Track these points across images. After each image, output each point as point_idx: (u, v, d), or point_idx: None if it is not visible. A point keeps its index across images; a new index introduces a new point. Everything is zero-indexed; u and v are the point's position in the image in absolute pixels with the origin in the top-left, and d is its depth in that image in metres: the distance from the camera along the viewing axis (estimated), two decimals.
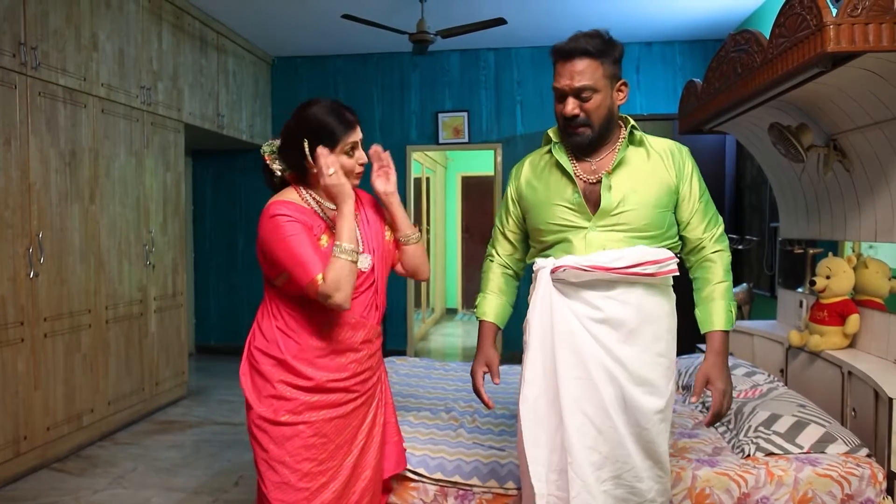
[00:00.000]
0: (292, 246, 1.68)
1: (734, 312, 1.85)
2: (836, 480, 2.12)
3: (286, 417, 1.75)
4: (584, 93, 1.76)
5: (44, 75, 3.47)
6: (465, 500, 2.18)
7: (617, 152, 1.83)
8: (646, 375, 1.77)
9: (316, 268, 1.67)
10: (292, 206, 1.75)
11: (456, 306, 9.64)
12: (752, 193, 5.03)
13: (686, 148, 1.89)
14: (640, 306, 1.78)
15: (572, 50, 1.76)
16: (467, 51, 6.26)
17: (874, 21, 1.93)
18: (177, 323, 4.83)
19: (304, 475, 1.75)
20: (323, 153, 1.72)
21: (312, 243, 1.71)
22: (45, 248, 3.49)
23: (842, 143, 2.75)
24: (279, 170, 1.85)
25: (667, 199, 1.82)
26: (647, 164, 1.82)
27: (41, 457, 3.47)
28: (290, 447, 1.75)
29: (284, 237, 1.69)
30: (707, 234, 1.86)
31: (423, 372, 3.49)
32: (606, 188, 1.79)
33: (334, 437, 1.79)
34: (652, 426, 1.76)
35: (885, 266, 2.65)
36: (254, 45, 6.02)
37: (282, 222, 1.70)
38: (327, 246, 1.75)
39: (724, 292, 1.84)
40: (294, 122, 1.78)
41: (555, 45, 1.82)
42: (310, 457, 1.75)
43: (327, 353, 1.79)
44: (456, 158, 9.42)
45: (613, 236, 1.79)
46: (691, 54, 5.98)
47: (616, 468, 1.75)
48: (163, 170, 4.66)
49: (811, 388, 2.83)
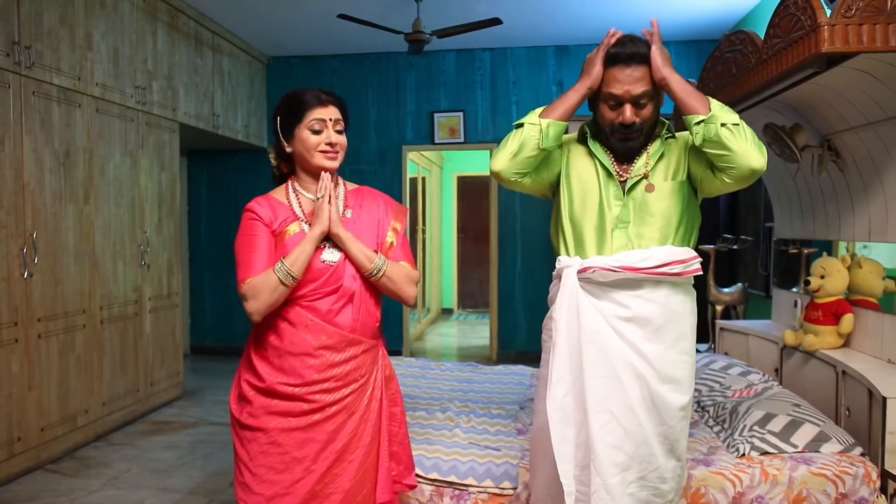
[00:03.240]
0: (241, 245, 1.75)
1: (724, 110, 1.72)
2: (831, 479, 2.13)
3: (247, 419, 1.73)
4: (643, 99, 1.77)
5: (38, 75, 3.45)
6: (460, 499, 2.18)
7: (651, 153, 1.85)
8: (671, 373, 1.77)
9: (249, 271, 1.70)
10: (266, 202, 1.79)
11: (451, 306, 9.64)
12: (747, 193, 5.05)
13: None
14: (666, 304, 1.79)
15: (633, 55, 1.76)
16: (463, 51, 6.26)
17: (868, 22, 1.94)
18: (172, 323, 4.81)
19: (260, 480, 1.70)
20: (325, 176, 1.77)
21: (263, 247, 1.73)
22: (40, 248, 3.47)
23: (836, 143, 2.76)
24: (273, 161, 1.88)
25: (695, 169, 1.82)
26: (678, 154, 1.85)
27: (35, 458, 3.46)
28: (250, 449, 1.73)
29: (240, 234, 1.76)
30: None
31: (418, 372, 3.49)
32: (648, 186, 1.81)
33: (292, 450, 1.70)
34: (676, 423, 1.77)
35: (879, 266, 2.67)
36: (249, 44, 6.01)
37: (245, 219, 1.77)
38: (295, 234, 1.76)
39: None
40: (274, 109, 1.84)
41: (611, 50, 1.79)
42: (265, 464, 1.71)
43: (281, 354, 1.72)
44: (452, 158, 9.42)
45: (645, 232, 1.81)
46: (686, 55, 5.99)
47: (641, 469, 1.75)
48: (158, 170, 4.65)
49: (806, 387, 2.84)
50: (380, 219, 1.89)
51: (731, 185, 1.76)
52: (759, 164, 1.68)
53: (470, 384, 3.29)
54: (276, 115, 1.79)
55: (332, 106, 1.80)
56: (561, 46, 6.17)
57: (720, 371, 3.02)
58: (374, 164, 6.44)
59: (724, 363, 3.10)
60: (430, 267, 8.72)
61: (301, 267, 1.69)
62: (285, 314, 1.72)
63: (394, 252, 1.86)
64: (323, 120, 1.77)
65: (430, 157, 8.41)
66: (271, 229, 1.76)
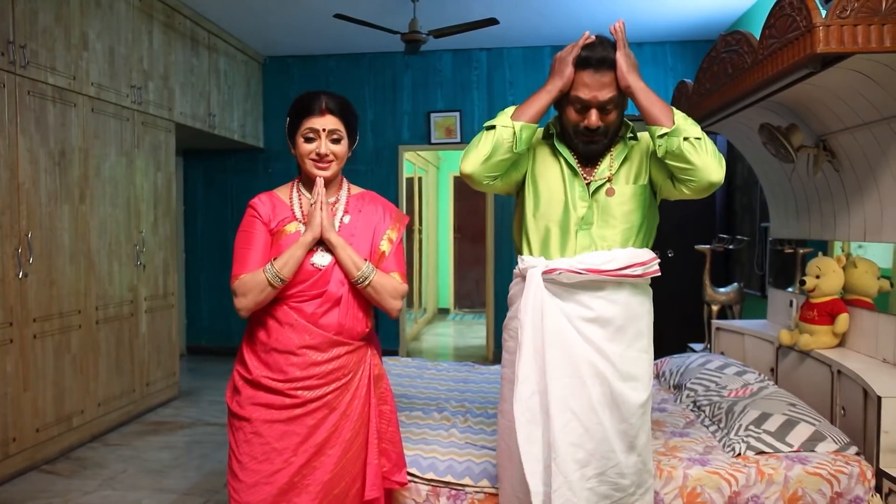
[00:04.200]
0: (239, 240, 1.82)
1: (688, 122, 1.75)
2: (826, 478, 2.14)
3: (236, 409, 1.82)
4: (609, 105, 1.79)
5: (33, 74, 3.44)
6: (457, 499, 2.18)
7: (614, 156, 1.87)
8: (631, 371, 1.81)
9: (243, 268, 1.78)
10: (269, 200, 1.87)
11: (448, 306, 9.64)
12: (743, 194, 5.06)
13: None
14: (627, 305, 1.83)
15: (603, 60, 1.76)
16: (459, 51, 6.26)
17: (863, 22, 1.95)
18: (168, 324, 4.80)
19: (243, 468, 1.79)
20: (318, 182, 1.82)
21: (258, 245, 1.80)
22: (35, 248, 3.46)
23: (831, 143, 2.77)
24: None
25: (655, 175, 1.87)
26: (640, 157, 1.89)
27: (30, 458, 3.45)
28: (238, 438, 1.81)
29: (240, 230, 1.84)
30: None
31: (415, 372, 3.49)
32: (609, 190, 1.83)
33: (273, 441, 1.78)
34: (635, 420, 1.81)
35: (874, 265, 2.67)
36: (245, 44, 6.00)
37: (246, 215, 1.85)
38: (291, 234, 1.82)
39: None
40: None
41: (582, 53, 1.78)
42: (248, 452, 1.79)
43: (267, 349, 1.80)
44: (448, 158, 9.42)
45: (608, 234, 1.84)
46: (682, 55, 6.01)
47: (601, 465, 1.79)
48: (153, 170, 4.64)
49: (801, 386, 2.85)
50: (377, 225, 1.91)
51: (689, 196, 1.81)
52: (718, 178, 1.72)
53: (466, 384, 3.29)
54: (287, 116, 1.89)
55: (329, 116, 1.80)
56: (558, 46, 6.16)
57: (716, 371, 3.03)
58: (371, 164, 6.44)
59: (719, 363, 3.11)
60: (427, 267, 8.72)
61: (291, 270, 1.76)
62: (274, 312, 1.80)
63: (385, 261, 1.87)
64: (315, 130, 1.81)
65: (427, 157, 8.41)
66: (269, 227, 1.83)
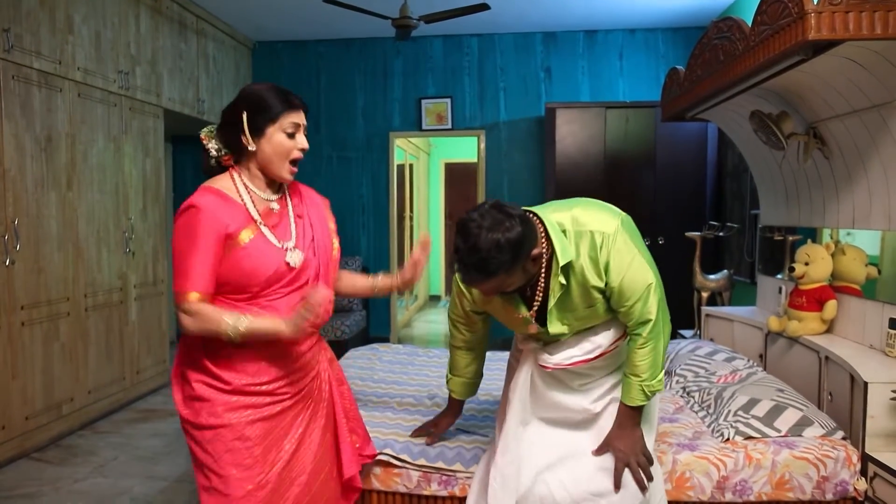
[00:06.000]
0: (185, 248, 1.61)
1: (648, 390, 1.84)
2: (813, 463, 2.16)
3: (206, 419, 1.66)
4: (496, 293, 1.79)
5: (17, 58, 3.39)
6: (448, 485, 2.19)
7: (548, 290, 1.80)
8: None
9: (193, 284, 1.59)
10: (216, 198, 1.65)
11: (439, 293, 9.65)
12: (733, 181, 5.08)
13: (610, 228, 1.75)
14: (614, 362, 2.00)
15: (463, 282, 1.75)
16: (450, 37, 6.22)
17: (854, 9, 1.95)
18: (158, 311, 4.78)
19: (228, 480, 1.64)
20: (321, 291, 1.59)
21: (210, 255, 1.60)
22: (21, 235, 3.42)
23: (821, 130, 2.78)
24: (214, 149, 1.74)
25: (603, 300, 1.84)
26: (580, 287, 1.79)
27: (20, 447, 3.44)
28: (213, 451, 1.65)
29: (183, 235, 1.61)
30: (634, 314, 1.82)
31: (406, 359, 3.50)
32: (550, 323, 1.86)
33: (259, 440, 1.68)
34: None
35: (862, 253, 2.69)
36: (234, 29, 5.93)
37: (191, 217, 1.61)
38: (248, 241, 1.65)
39: (639, 371, 1.84)
40: (236, 99, 1.72)
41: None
42: (232, 462, 1.65)
43: (246, 357, 1.68)
44: (439, 145, 9.38)
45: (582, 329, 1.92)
46: (674, 42, 5.99)
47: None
48: (142, 156, 4.59)
49: (789, 372, 2.88)
50: (322, 214, 1.89)
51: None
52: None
53: None
54: (243, 109, 1.68)
55: (302, 111, 1.75)
56: (549, 33, 6.14)
57: (705, 357, 3.05)
58: (362, 151, 6.41)
59: (709, 349, 3.13)
60: None
61: (254, 333, 1.61)
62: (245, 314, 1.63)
63: (337, 250, 1.89)
64: (298, 124, 1.73)
65: (418, 144, 8.37)
66: (225, 232, 1.62)
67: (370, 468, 2.22)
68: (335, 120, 6.40)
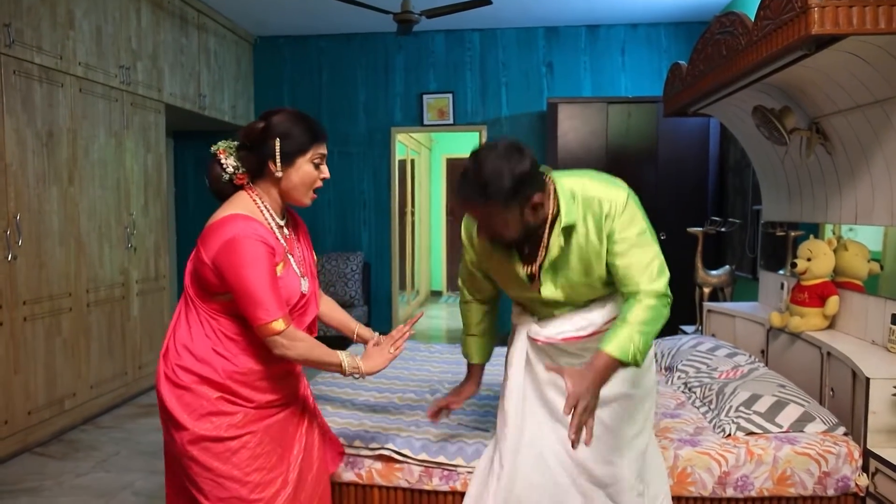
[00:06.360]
0: (260, 277, 1.59)
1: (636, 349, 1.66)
2: (814, 458, 2.16)
3: (229, 431, 1.67)
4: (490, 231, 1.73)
5: (18, 53, 3.38)
6: (449, 480, 2.20)
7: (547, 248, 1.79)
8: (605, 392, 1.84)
9: (277, 310, 1.60)
10: (259, 226, 1.65)
11: (441, 289, 9.65)
12: (736, 176, 5.06)
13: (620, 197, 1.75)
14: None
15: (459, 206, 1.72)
16: (452, 31, 6.20)
17: (858, 4, 1.93)
18: (160, 306, 4.78)
19: (255, 486, 1.68)
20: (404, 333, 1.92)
21: (274, 277, 1.63)
22: (23, 230, 3.43)
23: (824, 126, 2.77)
24: (231, 166, 1.72)
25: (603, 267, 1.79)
26: (579, 250, 1.78)
27: (23, 441, 3.44)
28: (238, 460, 1.67)
29: (255, 265, 1.59)
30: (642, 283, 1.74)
31: (407, 354, 3.50)
32: (544, 285, 1.84)
33: (279, 442, 1.76)
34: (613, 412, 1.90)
35: (865, 248, 2.69)
36: (235, 23, 5.92)
37: (255, 244, 1.60)
38: (282, 271, 1.68)
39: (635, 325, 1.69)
40: (264, 125, 1.69)
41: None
42: (259, 466, 1.69)
43: (265, 376, 1.73)
44: (441, 140, 9.37)
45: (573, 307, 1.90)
46: (676, 36, 5.97)
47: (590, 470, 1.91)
48: (143, 151, 4.59)
49: (791, 368, 2.87)
50: (309, 240, 1.94)
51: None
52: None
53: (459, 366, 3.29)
54: (276, 136, 1.67)
55: (325, 142, 1.77)
56: (551, 27, 6.12)
57: (707, 353, 3.05)
58: (363, 146, 6.40)
59: (710, 345, 3.13)
60: (419, 249, 8.71)
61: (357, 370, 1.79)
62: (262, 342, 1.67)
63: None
64: (324, 155, 1.76)
65: (419, 139, 8.36)
66: (274, 261, 1.66)
67: (371, 463, 2.23)
68: (336, 115, 6.39)
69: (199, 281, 1.69)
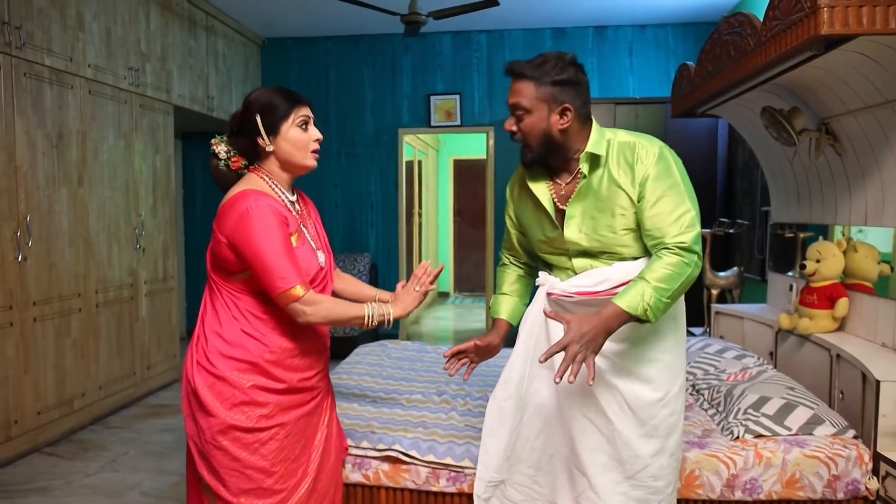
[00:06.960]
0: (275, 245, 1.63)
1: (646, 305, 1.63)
2: (824, 461, 2.15)
3: (260, 421, 1.70)
4: (518, 111, 1.77)
5: (29, 55, 3.41)
6: (456, 481, 2.20)
7: (578, 181, 1.81)
8: (642, 372, 1.80)
9: (295, 276, 1.64)
10: (269, 198, 1.69)
11: (448, 290, 9.65)
12: (744, 177, 5.04)
13: (655, 147, 1.75)
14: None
15: (508, 71, 1.79)
16: (459, 33, 6.20)
17: (868, 4, 1.92)
18: (168, 307, 4.81)
19: (280, 477, 1.74)
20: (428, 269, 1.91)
21: (289, 246, 1.67)
22: (33, 231, 3.45)
23: (833, 127, 2.75)
24: (223, 152, 1.79)
25: (631, 216, 1.77)
26: (606, 187, 1.77)
27: (32, 441, 3.47)
28: (267, 451, 1.71)
29: (269, 233, 1.63)
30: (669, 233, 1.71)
31: (415, 355, 3.50)
32: (567, 224, 1.83)
33: (302, 435, 1.81)
34: (659, 421, 1.79)
35: (875, 250, 2.67)
36: (243, 25, 5.94)
37: (268, 213, 1.64)
38: (297, 243, 1.73)
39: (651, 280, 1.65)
40: (244, 106, 1.78)
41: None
42: (284, 458, 1.75)
43: (297, 353, 1.77)
44: (448, 141, 9.37)
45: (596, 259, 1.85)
46: (684, 37, 5.95)
47: (627, 469, 1.80)
48: (152, 152, 4.61)
49: (800, 370, 2.86)
50: (319, 218, 1.98)
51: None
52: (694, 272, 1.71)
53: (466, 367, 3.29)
54: (255, 111, 1.73)
55: (308, 106, 1.81)
56: (558, 29, 6.12)
57: (715, 354, 3.03)
58: (370, 148, 6.41)
59: (719, 347, 3.11)
60: (427, 250, 8.71)
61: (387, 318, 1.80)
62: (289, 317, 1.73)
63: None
64: (308, 116, 1.79)
65: (427, 140, 8.37)
66: (288, 231, 1.70)
67: (378, 465, 2.23)
68: (344, 116, 6.41)
69: (219, 261, 1.74)
